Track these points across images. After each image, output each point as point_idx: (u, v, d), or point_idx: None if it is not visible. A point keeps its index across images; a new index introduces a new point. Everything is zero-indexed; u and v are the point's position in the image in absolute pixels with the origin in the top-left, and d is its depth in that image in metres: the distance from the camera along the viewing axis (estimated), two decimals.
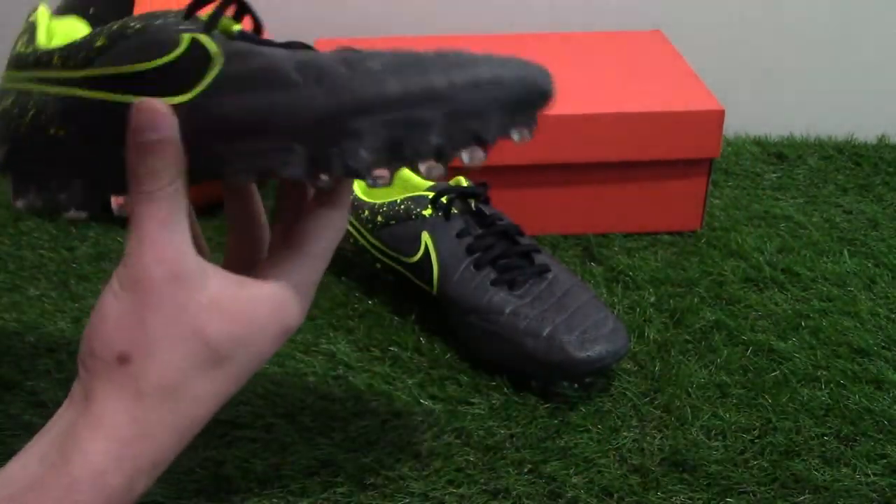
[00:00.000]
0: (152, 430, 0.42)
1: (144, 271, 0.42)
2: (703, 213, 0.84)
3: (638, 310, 0.73)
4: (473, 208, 0.70)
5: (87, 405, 0.41)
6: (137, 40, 0.44)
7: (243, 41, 0.45)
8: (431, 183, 0.73)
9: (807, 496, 0.57)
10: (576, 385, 0.64)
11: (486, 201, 0.72)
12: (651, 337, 0.70)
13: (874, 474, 0.58)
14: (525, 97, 0.44)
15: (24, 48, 0.48)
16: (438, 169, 0.43)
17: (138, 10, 0.50)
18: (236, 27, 0.46)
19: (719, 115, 0.79)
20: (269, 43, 0.45)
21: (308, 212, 0.47)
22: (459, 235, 0.69)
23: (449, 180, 0.73)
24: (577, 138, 0.79)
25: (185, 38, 0.45)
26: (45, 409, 0.62)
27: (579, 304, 0.66)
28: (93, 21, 0.53)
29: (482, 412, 0.63)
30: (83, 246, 0.81)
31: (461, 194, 0.70)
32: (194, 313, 0.42)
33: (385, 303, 0.74)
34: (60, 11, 0.77)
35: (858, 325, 0.72)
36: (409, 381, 0.65)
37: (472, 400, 0.64)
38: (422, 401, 0.64)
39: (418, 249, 0.69)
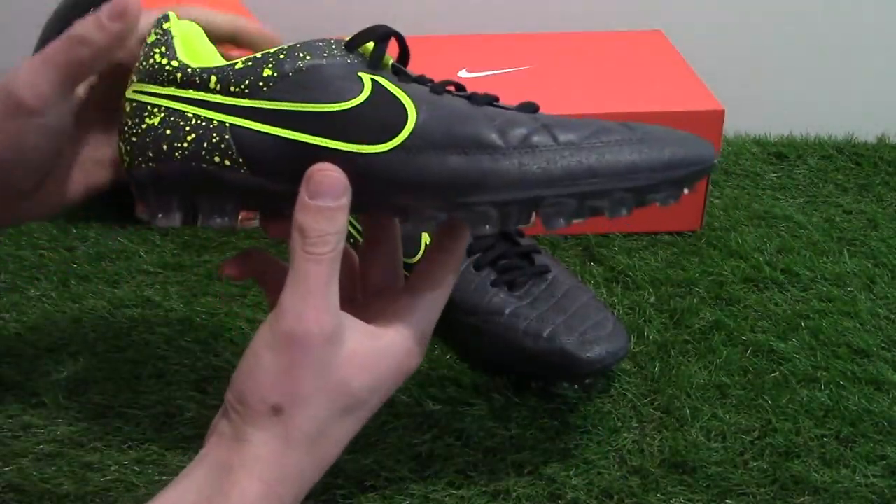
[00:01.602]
0: (298, 470, 0.46)
1: (305, 331, 0.45)
2: (703, 213, 0.84)
3: (638, 310, 0.73)
4: None
5: (241, 446, 0.45)
6: (314, 73, 0.45)
7: (413, 82, 0.47)
8: None
9: (806, 497, 0.57)
10: (576, 386, 0.64)
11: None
12: (651, 337, 0.70)
13: (874, 475, 0.58)
14: (698, 174, 0.48)
15: (164, 61, 0.47)
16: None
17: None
18: (390, 59, 0.47)
19: (719, 115, 0.79)
20: (423, 81, 0.48)
21: (430, 258, 0.51)
22: None
23: None
24: None
25: (366, 79, 0.46)
26: (45, 410, 0.63)
27: (579, 304, 0.66)
28: None
29: (482, 413, 0.63)
30: (83, 246, 0.81)
31: None
32: (338, 368, 0.46)
33: None
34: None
35: (858, 325, 0.72)
36: (409, 382, 0.65)
37: (472, 401, 0.64)
38: (422, 402, 0.64)
39: (418, 250, 0.69)
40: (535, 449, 0.60)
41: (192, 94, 0.46)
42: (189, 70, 0.46)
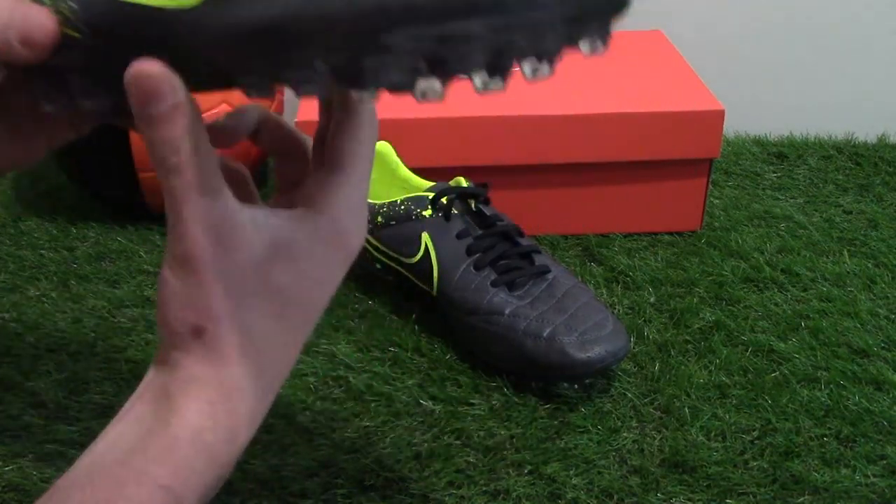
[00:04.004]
0: (240, 386, 0.42)
1: (194, 244, 0.40)
2: (703, 213, 0.84)
3: (638, 310, 0.73)
4: (473, 209, 0.70)
5: (174, 371, 0.41)
6: None
7: None
8: (432, 183, 0.73)
9: (806, 497, 0.57)
10: (576, 386, 0.64)
11: (487, 202, 0.72)
12: (651, 337, 0.70)
13: (874, 475, 0.58)
14: (596, 5, 0.38)
15: None
16: (496, 83, 0.38)
17: None
18: None
19: (719, 115, 0.79)
20: None
21: (339, 132, 0.45)
22: (459, 236, 0.69)
23: (448, 181, 0.73)
24: (578, 138, 0.79)
25: None
26: (45, 409, 0.63)
27: (579, 304, 0.66)
28: None
29: (482, 413, 0.63)
30: (83, 246, 0.81)
31: (461, 195, 0.70)
32: (255, 268, 0.41)
33: (385, 303, 0.74)
34: None
35: (858, 325, 0.72)
36: (409, 382, 0.65)
37: (472, 401, 0.64)
38: (422, 401, 0.64)
39: (418, 250, 0.69)
40: (535, 448, 0.60)
41: None
42: None
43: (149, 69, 0.39)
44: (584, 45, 0.39)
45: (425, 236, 0.69)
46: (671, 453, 0.60)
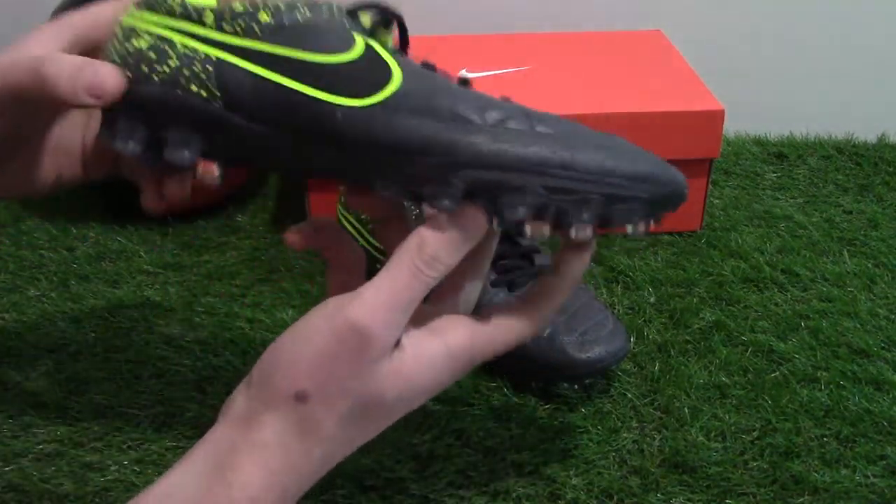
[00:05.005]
0: (305, 463, 0.44)
1: (371, 330, 0.43)
2: (703, 213, 0.84)
3: (638, 310, 0.73)
4: None
5: (250, 428, 0.43)
6: (310, 28, 0.45)
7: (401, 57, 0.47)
8: None
9: (806, 497, 0.57)
10: (576, 386, 0.64)
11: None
12: (651, 337, 0.70)
13: (874, 476, 0.58)
14: (670, 199, 0.47)
15: None
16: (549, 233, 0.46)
17: None
18: (390, 39, 0.47)
19: (719, 115, 0.79)
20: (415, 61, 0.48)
21: (516, 306, 0.49)
22: None
23: None
24: None
25: (360, 39, 0.45)
26: (45, 410, 0.63)
27: (579, 305, 0.66)
28: None
29: (482, 413, 0.63)
30: (83, 246, 0.81)
31: None
32: (379, 378, 0.43)
33: None
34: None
35: (858, 325, 0.72)
36: None
37: (472, 401, 0.64)
38: None
39: None
40: (535, 449, 0.60)
41: (185, 25, 0.45)
42: (187, 4, 0.46)
43: (481, 216, 0.45)
44: (639, 226, 0.47)
45: None
46: (671, 453, 0.60)
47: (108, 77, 0.44)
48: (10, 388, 0.64)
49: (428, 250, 0.44)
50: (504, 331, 0.48)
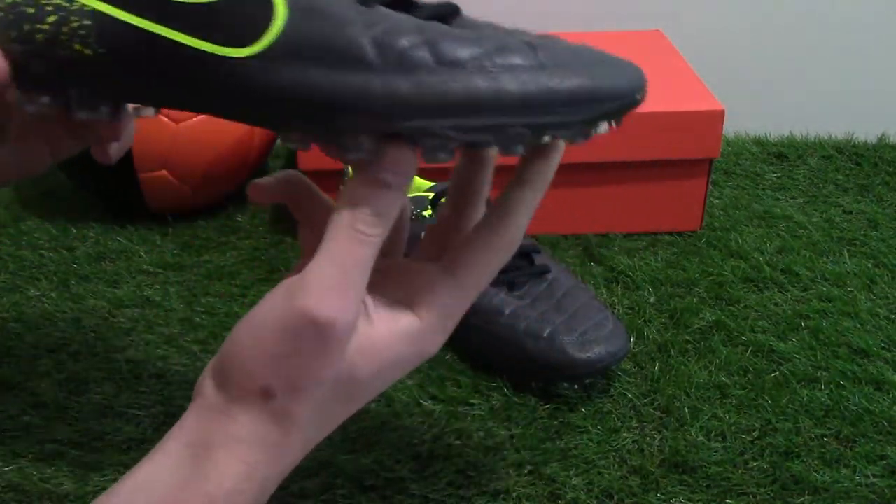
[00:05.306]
0: (284, 453, 0.42)
1: (326, 319, 0.39)
2: (703, 213, 0.84)
3: (638, 310, 0.73)
4: None
5: (223, 421, 0.41)
6: None
7: None
8: (432, 183, 0.72)
9: (806, 497, 0.57)
10: (576, 386, 0.64)
11: (487, 202, 0.71)
12: (651, 337, 0.70)
13: (874, 475, 0.58)
14: (606, 114, 0.41)
15: None
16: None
17: None
18: None
19: (719, 115, 0.79)
20: None
21: (475, 242, 0.44)
22: None
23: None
24: None
25: None
26: (45, 410, 0.62)
27: (579, 305, 0.66)
28: None
29: (482, 413, 0.63)
30: (83, 246, 0.81)
31: None
32: (349, 357, 0.41)
33: None
34: None
35: (858, 325, 0.72)
36: (409, 382, 0.65)
37: (473, 401, 0.64)
38: (422, 402, 0.64)
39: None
40: (535, 449, 0.60)
41: None
42: None
43: (411, 155, 0.40)
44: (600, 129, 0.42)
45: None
46: (671, 453, 0.60)
47: None
48: (11, 388, 0.64)
49: (364, 205, 0.39)
50: (469, 286, 0.44)
